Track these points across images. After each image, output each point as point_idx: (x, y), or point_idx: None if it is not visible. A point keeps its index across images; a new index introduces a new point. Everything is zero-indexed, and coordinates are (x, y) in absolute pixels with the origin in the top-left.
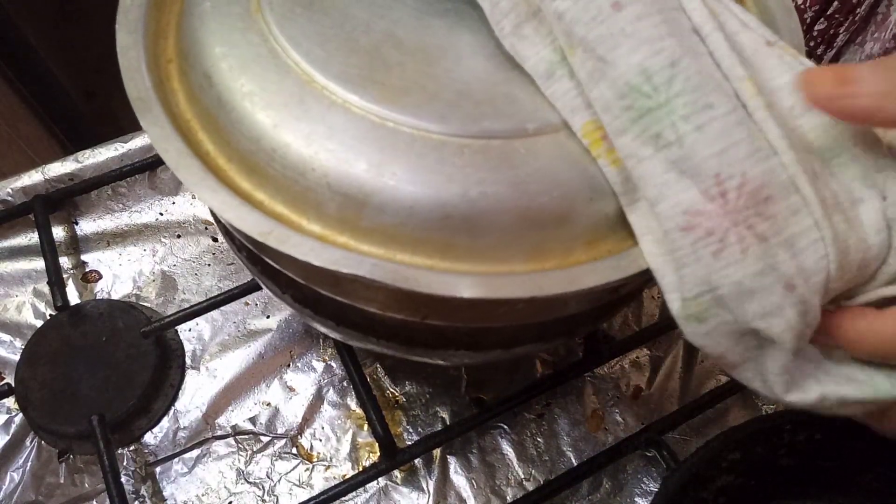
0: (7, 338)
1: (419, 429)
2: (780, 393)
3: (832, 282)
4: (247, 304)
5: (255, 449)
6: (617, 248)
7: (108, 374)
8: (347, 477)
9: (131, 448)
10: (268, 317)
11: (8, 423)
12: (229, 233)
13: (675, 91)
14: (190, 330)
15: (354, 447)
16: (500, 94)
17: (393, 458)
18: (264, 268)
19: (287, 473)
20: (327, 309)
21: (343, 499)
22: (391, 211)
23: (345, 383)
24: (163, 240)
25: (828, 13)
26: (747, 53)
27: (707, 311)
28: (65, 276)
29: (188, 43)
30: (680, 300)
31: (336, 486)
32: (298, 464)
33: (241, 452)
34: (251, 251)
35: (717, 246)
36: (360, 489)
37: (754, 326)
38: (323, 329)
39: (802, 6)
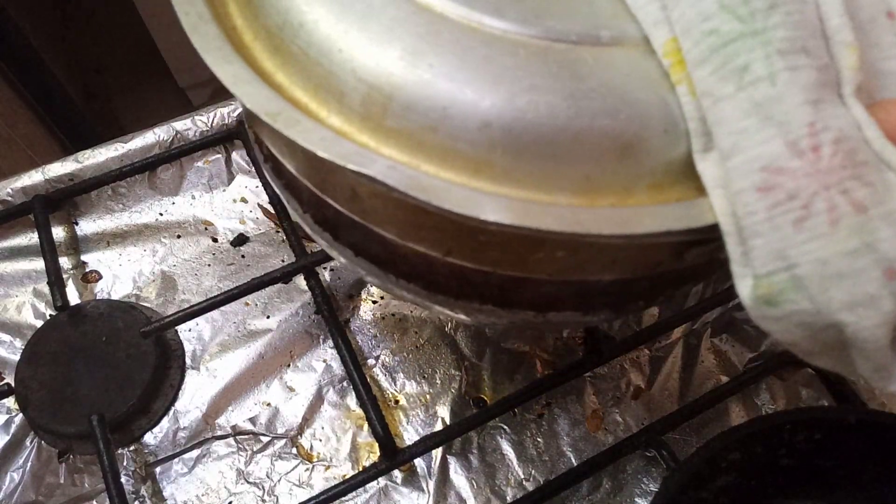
0: (7, 338)
1: (419, 429)
2: (878, 385)
3: None
4: (247, 304)
5: (255, 449)
6: (688, 198)
7: (108, 374)
8: (347, 477)
9: (131, 448)
10: (268, 317)
11: (8, 423)
12: (258, 140)
13: (775, 22)
14: (190, 330)
15: (354, 447)
16: None
17: (393, 458)
18: (288, 181)
19: (287, 473)
20: (347, 234)
21: (343, 499)
22: (421, 109)
23: (345, 383)
24: (163, 240)
25: None
26: (862, 17)
27: (781, 293)
28: (65, 276)
29: None
30: (750, 277)
31: (336, 486)
32: (298, 464)
33: (241, 452)
34: (276, 161)
35: (801, 213)
36: (360, 489)
37: (839, 319)
38: (342, 259)
39: None
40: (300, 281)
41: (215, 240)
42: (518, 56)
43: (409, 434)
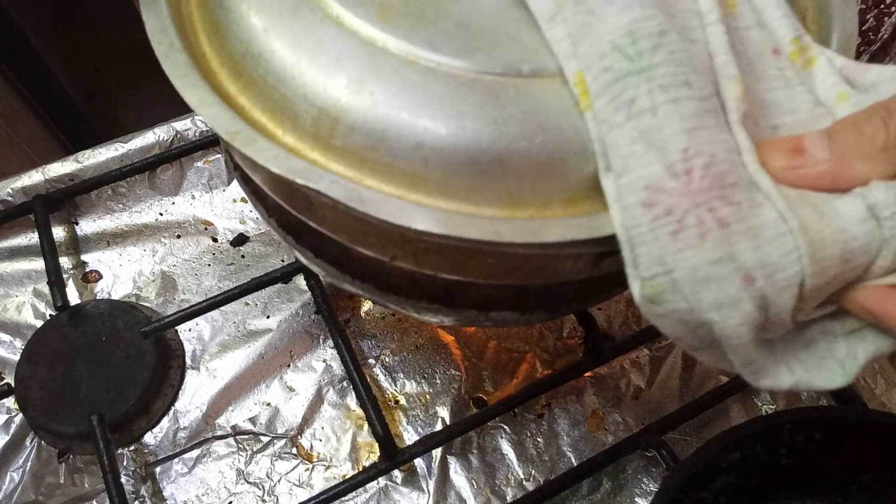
0: (7, 338)
1: (419, 429)
2: (748, 379)
3: (810, 277)
4: (247, 304)
5: (255, 449)
6: (597, 211)
7: (108, 374)
8: (347, 477)
9: (131, 448)
10: (268, 317)
11: (8, 423)
12: (228, 152)
13: (658, 60)
14: (190, 330)
15: (354, 447)
16: (501, 31)
17: (393, 458)
18: (254, 189)
19: (287, 473)
20: (307, 239)
21: (343, 499)
22: (363, 131)
23: (345, 383)
24: (163, 240)
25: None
26: (750, 54)
27: (662, 294)
28: (65, 276)
29: None
30: (638, 279)
31: (336, 486)
32: (298, 464)
33: (241, 452)
34: (243, 171)
35: (675, 227)
36: (360, 489)
37: (707, 318)
38: (304, 260)
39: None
40: (300, 281)
41: (215, 240)
42: (449, 85)
43: (409, 434)
